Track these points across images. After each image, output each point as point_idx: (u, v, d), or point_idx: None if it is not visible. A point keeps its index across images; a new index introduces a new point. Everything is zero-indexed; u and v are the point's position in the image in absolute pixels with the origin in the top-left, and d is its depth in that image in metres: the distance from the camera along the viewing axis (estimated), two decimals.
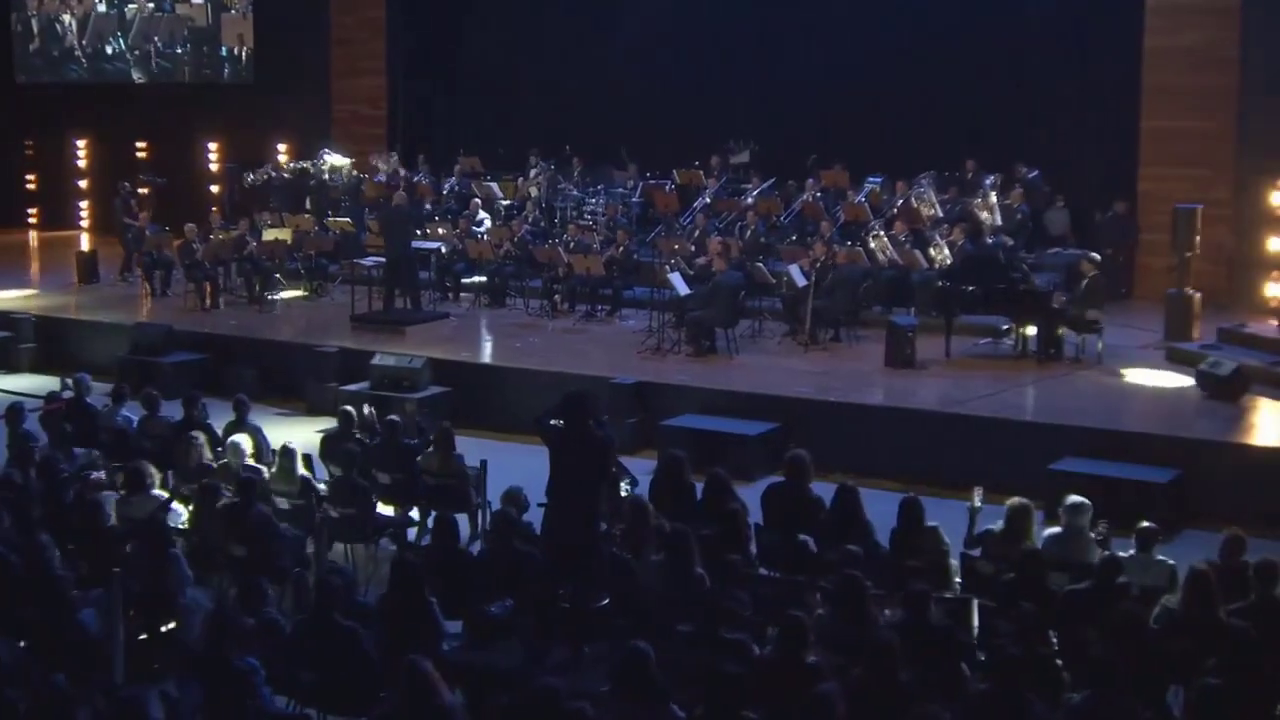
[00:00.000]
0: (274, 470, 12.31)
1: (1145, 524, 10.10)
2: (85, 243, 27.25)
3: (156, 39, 29.03)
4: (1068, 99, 21.54)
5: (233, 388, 18.33)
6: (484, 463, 12.64)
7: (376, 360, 17.21)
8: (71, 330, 20.15)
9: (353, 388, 17.22)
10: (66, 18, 29.80)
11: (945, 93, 22.22)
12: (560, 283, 19.97)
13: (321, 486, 12.37)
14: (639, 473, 14.84)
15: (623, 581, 9.34)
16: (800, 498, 11.03)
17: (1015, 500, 10.48)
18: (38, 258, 27.48)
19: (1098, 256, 18.41)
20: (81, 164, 29.76)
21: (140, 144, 28.84)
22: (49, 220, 30.11)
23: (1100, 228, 20.73)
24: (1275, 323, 17.47)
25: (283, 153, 26.93)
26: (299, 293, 21.55)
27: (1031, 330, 17.18)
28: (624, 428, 15.78)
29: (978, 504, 10.65)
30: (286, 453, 12.18)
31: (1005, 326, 17.79)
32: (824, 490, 14.05)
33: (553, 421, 9.60)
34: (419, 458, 12.83)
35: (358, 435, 13.29)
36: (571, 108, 24.64)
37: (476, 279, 20.82)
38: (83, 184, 29.79)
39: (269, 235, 21.69)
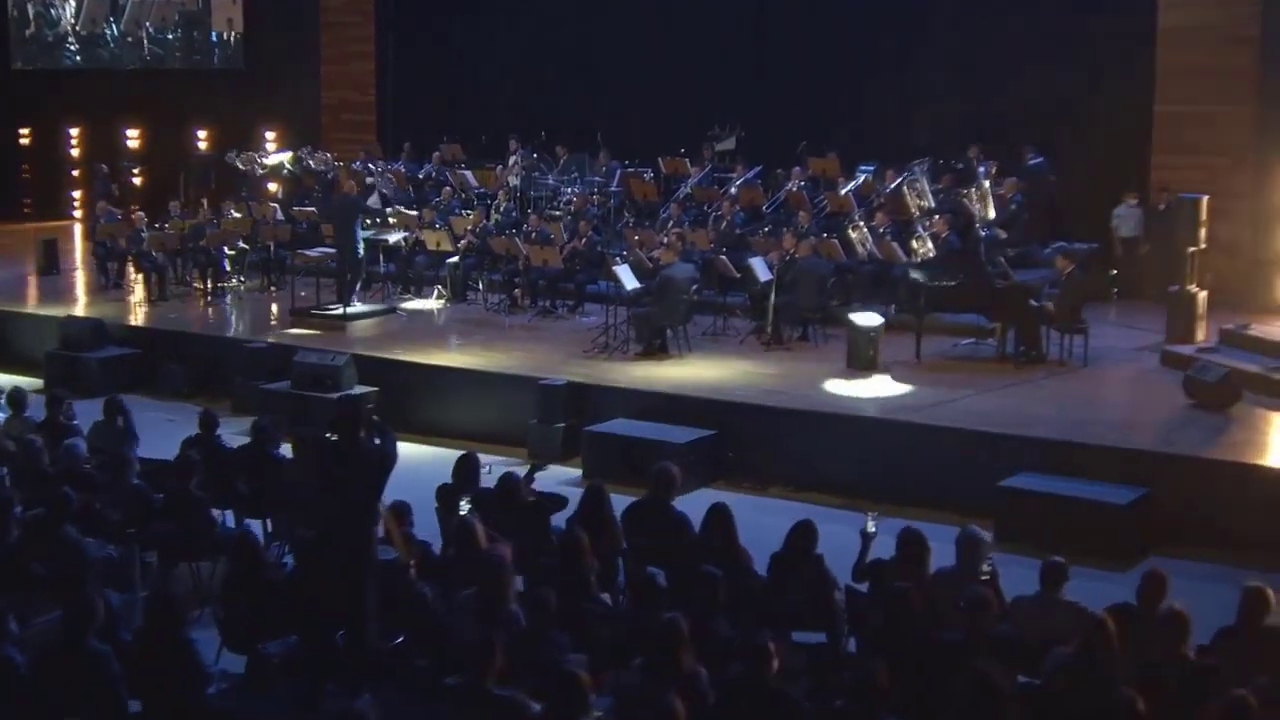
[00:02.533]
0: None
1: (1052, 559, 8.64)
2: (77, 233, 26.40)
3: (148, 24, 28.11)
4: (1075, 80, 19.92)
5: (163, 385, 17.49)
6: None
7: (298, 358, 16.05)
8: (2, 323, 19.13)
9: (274, 386, 16.08)
10: (61, 2, 28.98)
11: (946, 75, 20.70)
12: (520, 276, 18.70)
13: None
14: (564, 485, 13.72)
15: (419, 618, 8.04)
16: (663, 518, 9.65)
17: (908, 528, 9.05)
18: (12, 248, 26.44)
19: (1083, 247, 16.84)
20: (75, 152, 28.89)
21: (132, 131, 28.00)
22: (43, 209, 29.25)
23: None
24: None
25: (270, 140, 26.04)
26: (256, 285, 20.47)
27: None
28: (551, 433, 14.57)
29: (871, 529, 9.26)
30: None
31: (992, 326, 16.31)
32: (763, 508, 12.96)
33: (330, 435, 8.28)
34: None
35: (219, 440, 12.06)
36: (555, 92, 23.39)
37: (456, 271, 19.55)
38: (76, 173, 28.92)
39: (228, 224, 20.59)
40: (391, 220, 19.66)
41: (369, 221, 19.18)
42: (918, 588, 8.26)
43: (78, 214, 28.55)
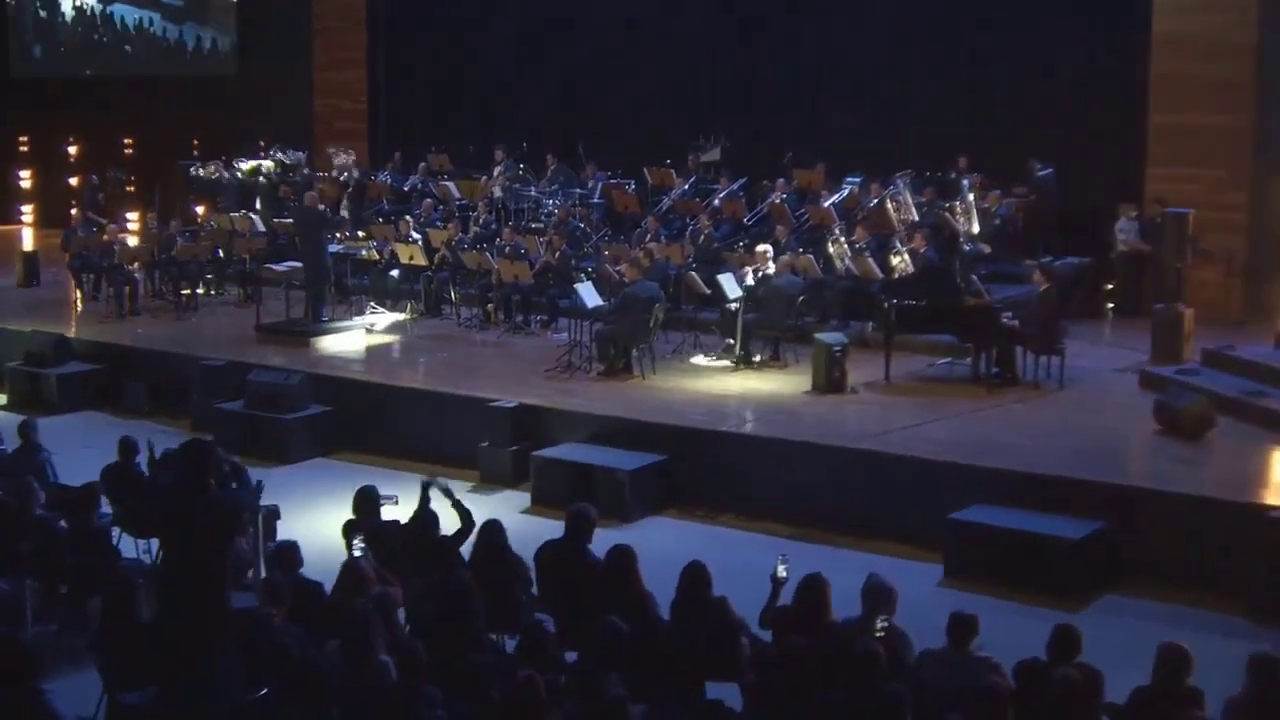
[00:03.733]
0: None
1: (959, 613, 8.12)
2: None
3: (149, 28, 27.85)
4: (1068, 90, 19.35)
5: (123, 403, 17.18)
6: (259, 484, 10.62)
7: (252, 376, 15.68)
8: None
9: (228, 406, 15.71)
10: (61, 8, 28.78)
11: (936, 85, 20.22)
12: (494, 291, 18.28)
13: None
14: (512, 511, 13.31)
15: (284, 669, 7.62)
16: (577, 560, 9.20)
17: (810, 574, 8.55)
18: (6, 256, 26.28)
19: (1074, 261, 16.26)
20: (73, 160, 28.67)
21: (127, 139, 27.79)
22: (45, 218, 29.03)
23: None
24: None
25: (262, 148, 25.75)
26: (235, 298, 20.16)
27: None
28: (501, 458, 14.14)
29: (781, 574, 8.76)
30: None
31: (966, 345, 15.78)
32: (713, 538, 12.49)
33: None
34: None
35: (140, 466, 11.66)
36: (546, 101, 23.01)
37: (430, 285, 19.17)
38: (74, 181, 28.69)
39: (206, 236, 20.29)
40: (360, 234, 19.25)
41: (337, 236, 18.77)
42: (815, 639, 7.79)
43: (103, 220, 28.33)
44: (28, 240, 26.10)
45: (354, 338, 17.68)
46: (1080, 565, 11.25)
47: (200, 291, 20.08)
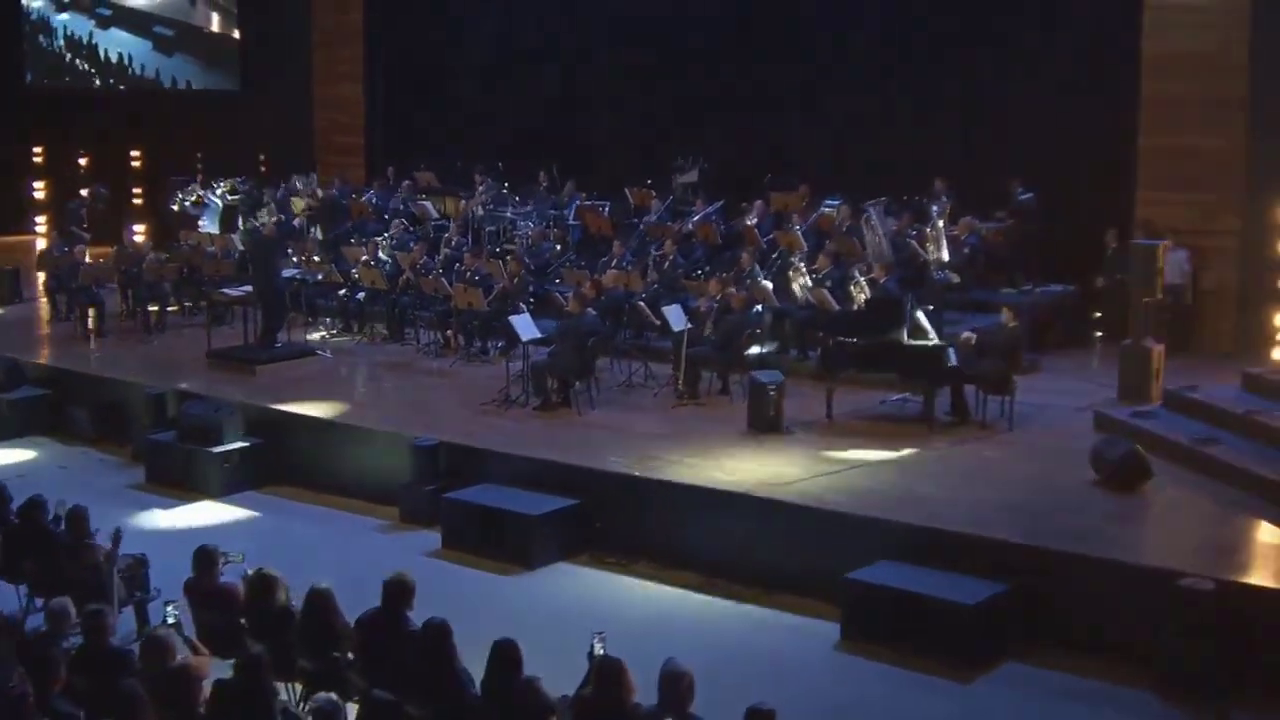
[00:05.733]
0: None
1: (755, 707, 7.53)
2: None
3: (156, 34, 27.76)
4: (1055, 110, 18.58)
5: (68, 429, 16.95)
6: (117, 531, 10.20)
7: (185, 407, 15.38)
8: None
9: (161, 437, 15.42)
10: (73, 19, 28.71)
11: (916, 104, 19.51)
12: (452, 317, 17.85)
13: None
14: (417, 553, 12.90)
15: None
16: (394, 632, 8.74)
17: (605, 657, 8.00)
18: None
19: (1057, 289, 15.56)
20: (83, 172, 28.62)
21: (135, 152, 27.74)
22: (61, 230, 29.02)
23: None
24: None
25: (263, 163, 25.61)
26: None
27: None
28: (419, 496, 13.71)
29: (598, 652, 8.23)
30: None
31: None
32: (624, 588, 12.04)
33: None
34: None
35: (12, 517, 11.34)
36: (530, 119, 22.54)
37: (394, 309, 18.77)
38: (84, 192, 28.63)
39: (176, 256, 20.07)
40: (316, 258, 18.90)
41: (295, 258, 18.45)
42: None
43: (86, 235, 28.30)
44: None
45: (303, 365, 17.31)
46: (976, 631, 10.61)
47: (171, 310, 19.82)
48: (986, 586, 10.85)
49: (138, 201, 27.40)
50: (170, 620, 8.75)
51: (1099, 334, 18.19)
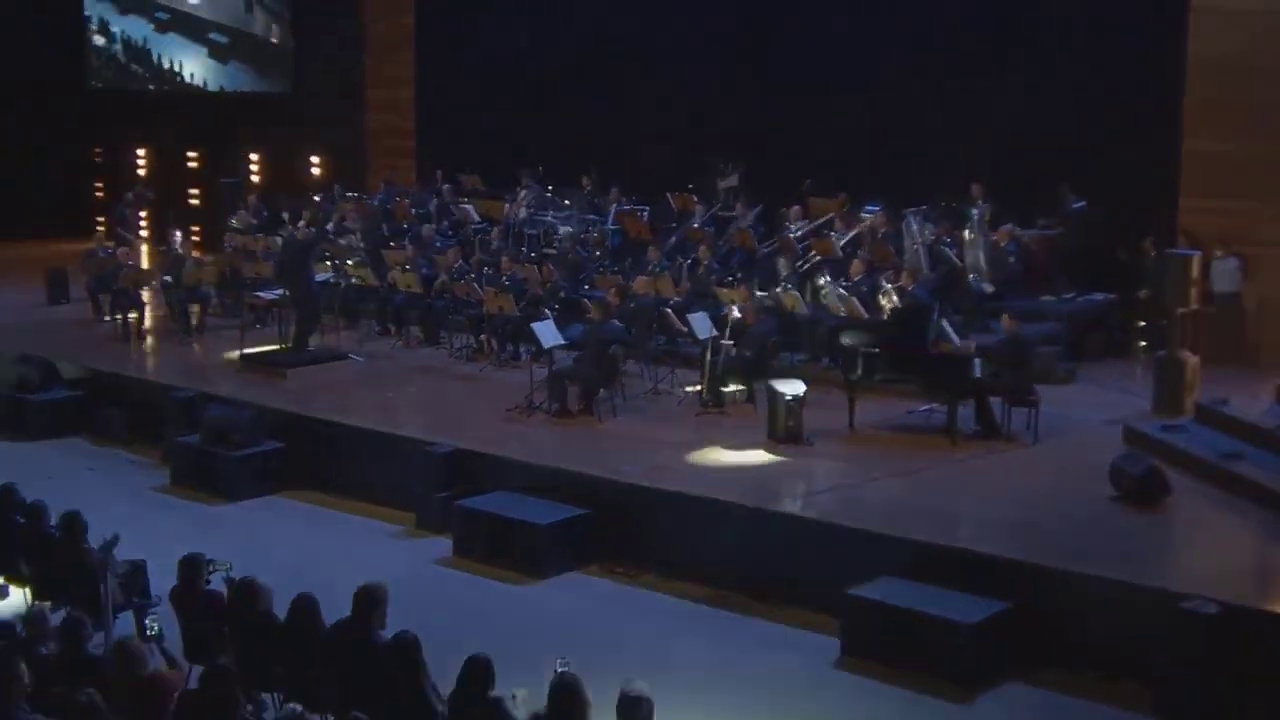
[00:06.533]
0: None
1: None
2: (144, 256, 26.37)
3: (211, 41, 28.03)
4: (1097, 115, 18.21)
5: (101, 430, 17.10)
6: (114, 537, 10.24)
7: (210, 410, 15.47)
8: None
9: (186, 439, 15.51)
10: (133, 23, 29.05)
11: (956, 109, 19.16)
12: (485, 321, 17.84)
13: None
14: (427, 561, 12.89)
15: None
16: (362, 642, 8.68)
17: (562, 675, 7.86)
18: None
19: (1100, 298, 15.33)
20: (142, 173, 28.95)
21: (192, 153, 28.02)
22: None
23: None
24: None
25: (315, 165, 25.78)
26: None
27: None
28: (434, 503, 13.69)
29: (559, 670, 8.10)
30: None
31: None
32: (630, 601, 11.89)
33: None
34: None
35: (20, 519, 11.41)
36: (577, 124, 22.43)
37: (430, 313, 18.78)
38: (130, 195, 28.89)
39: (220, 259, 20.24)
40: (350, 261, 18.95)
41: (330, 262, 18.51)
42: None
43: (145, 234, 28.60)
44: None
45: (335, 369, 17.36)
46: (976, 650, 10.39)
47: (212, 312, 19.96)
48: (986, 605, 10.63)
49: (194, 203, 27.65)
50: (151, 631, 8.73)
51: (1143, 344, 17.79)
